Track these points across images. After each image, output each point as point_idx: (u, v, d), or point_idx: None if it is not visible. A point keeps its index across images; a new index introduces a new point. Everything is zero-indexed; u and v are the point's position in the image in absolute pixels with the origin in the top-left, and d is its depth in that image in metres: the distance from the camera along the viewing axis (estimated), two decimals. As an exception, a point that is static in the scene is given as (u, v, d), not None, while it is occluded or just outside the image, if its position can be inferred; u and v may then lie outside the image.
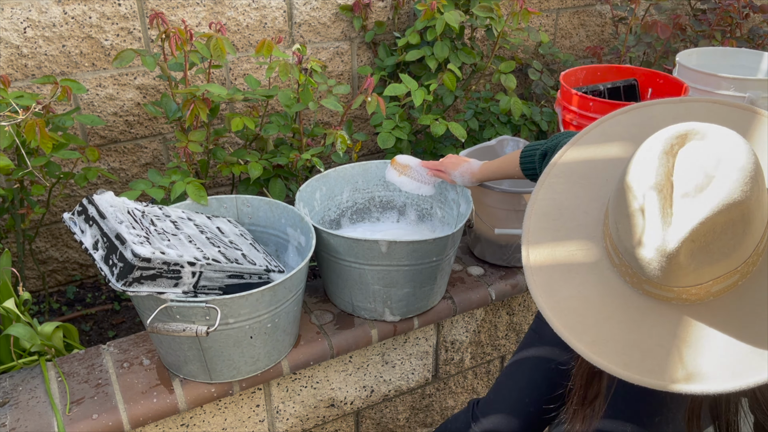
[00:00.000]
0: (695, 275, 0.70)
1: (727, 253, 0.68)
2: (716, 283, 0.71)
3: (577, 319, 0.76)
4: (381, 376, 1.65)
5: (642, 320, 0.74)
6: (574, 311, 0.76)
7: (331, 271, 1.49)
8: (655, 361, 0.72)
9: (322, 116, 2.20)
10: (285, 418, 1.54)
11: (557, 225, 0.83)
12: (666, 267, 0.69)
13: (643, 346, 0.73)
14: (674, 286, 0.72)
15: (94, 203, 1.22)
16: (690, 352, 0.71)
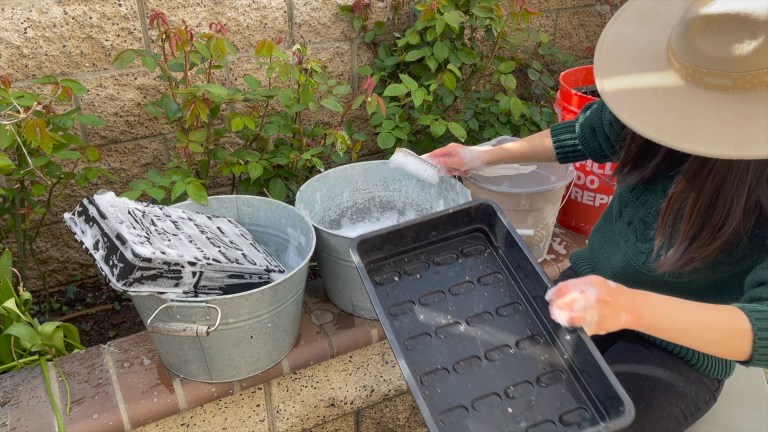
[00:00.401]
0: (748, 60, 0.83)
1: None
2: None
3: (654, 116, 0.90)
4: (381, 375, 1.65)
5: (703, 104, 0.88)
6: (647, 108, 0.92)
7: (331, 271, 1.49)
8: (711, 133, 0.85)
9: (323, 116, 2.20)
10: (285, 418, 1.54)
11: (626, 56, 0.99)
12: (710, 40, 0.84)
13: (701, 123, 0.86)
14: (730, 71, 0.84)
15: (94, 203, 1.22)
16: (741, 126, 0.84)
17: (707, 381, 1.18)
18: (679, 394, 1.14)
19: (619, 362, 1.20)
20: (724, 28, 0.84)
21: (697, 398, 1.16)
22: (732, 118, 0.85)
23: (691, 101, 0.89)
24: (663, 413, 1.12)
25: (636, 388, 1.13)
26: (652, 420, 1.11)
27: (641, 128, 0.90)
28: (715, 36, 0.85)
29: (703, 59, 0.87)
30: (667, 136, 0.88)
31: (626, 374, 1.16)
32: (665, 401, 1.13)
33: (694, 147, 0.85)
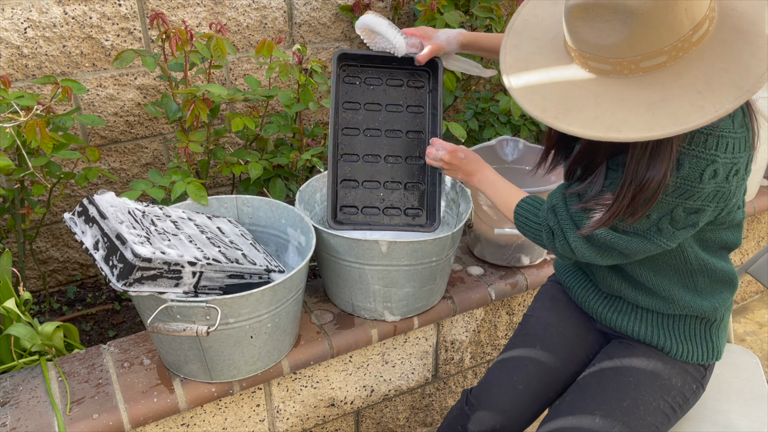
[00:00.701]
0: (623, 47, 0.86)
1: (629, 29, 0.84)
2: (645, 59, 0.87)
3: (541, 95, 0.96)
4: (381, 375, 1.65)
5: (585, 86, 0.93)
6: (537, 87, 0.98)
7: (331, 271, 1.49)
8: (587, 115, 0.90)
9: (323, 116, 2.21)
10: (285, 418, 1.54)
11: (527, 42, 1.04)
12: (588, 27, 0.88)
13: (581, 105, 0.92)
14: (608, 57, 0.89)
15: (94, 203, 1.22)
16: (615, 110, 0.89)
17: (691, 369, 1.18)
18: (664, 387, 1.14)
19: (605, 360, 1.20)
20: (599, 16, 0.86)
21: (683, 389, 1.16)
22: (608, 102, 0.90)
23: (576, 83, 0.93)
24: (649, 409, 1.12)
25: (620, 385, 1.14)
26: (638, 417, 1.11)
27: (528, 107, 0.96)
28: (592, 23, 0.87)
29: (585, 45, 0.91)
30: (549, 115, 0.93)
31: (611, 370, 1.17)
32: (650, 396, 1.12)
33: (570, 128, 0.91)
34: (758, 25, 0.87)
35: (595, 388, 1.15)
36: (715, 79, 0.86)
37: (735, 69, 0.85)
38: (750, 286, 2.49)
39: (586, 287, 1.28)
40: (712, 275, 1.12)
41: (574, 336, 1.29)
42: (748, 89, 0.83)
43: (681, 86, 0.87)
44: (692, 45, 0.87)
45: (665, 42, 0.86)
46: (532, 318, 1.34)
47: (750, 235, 2.31)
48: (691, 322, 1.17)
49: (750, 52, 0.86)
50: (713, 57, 0.87)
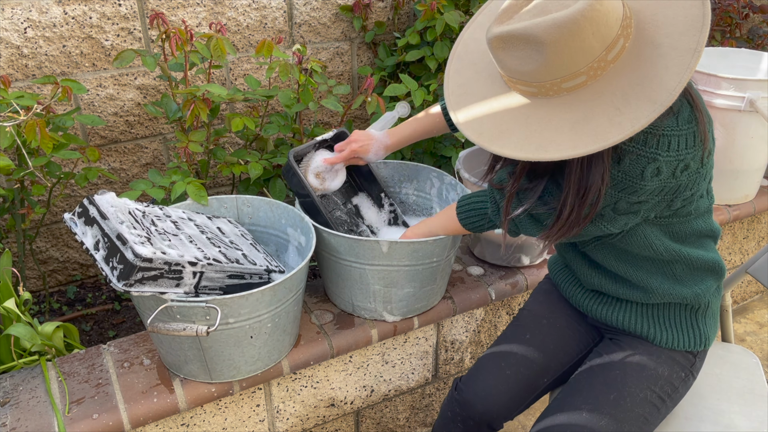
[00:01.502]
0: (542, 73, 0.90)
1: (543, 58, 0.89)
2: (564, 81, 0.91)
3: (479, 120, 1.00)
4: (381, 375, 1.65)
5: (516, 110, 0.97)
6: (475, 112, 1.01)
7: (331, 270, 1.49)
8: (518, 137, 0.94)
9: (322, 116, 2.20)
10: (285, 418, 1.54)
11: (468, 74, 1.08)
12: (508, 55, 0.92)
13: (513, 127, 0.96)
14: (531, 81, 0.92)
15: (95, 203, 1.22)
16: (542, 130, 0.93)
17: (679, 357, 1.18)
18: (651, 378, 1.15)
19: (595, 358, 1.22)
20: (515, 46, 0.90)
21: (671, 378, 1.16)
22: (536, 123, 0.94)
23: (508, 106, 0.98)
24: (636, 400, 1.12)
25: (607, 380, 1.15)
26: (625, 409, 1.11)
27: (466, 132, 1.00)
28: (511, 52, 0.91)
29: (509, 71, 0.95)
30: (485, 139, 0.98)
31: (600, 366, 1.19)
32: (636, 387, 1.13)
33: (503, 150, 0.95)
34: (672, 37, 0.90)
35: (584, 385, 1.17)
36: (631, 94, 0.89)
37: (649, 84, 0.88)
38: (750, 286, 2.49)
39: (572, 282, 1.31)
40: (689, 264, 1.14)
41: (565, 327, 1.31)
42: (661, 103, 0.86)
43: (601, 104, 0.90)
44: (609, 63, 0.90)
45: (580, 65, 0.89)
46: (525, 311, 1.37)
47: (750, 235, 2.31)
48: (675, 310, 1.18)
49: (663, 65, 0.88)
50: (630, 73, 0.90)
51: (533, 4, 0.91)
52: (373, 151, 1.50)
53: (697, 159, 0.99)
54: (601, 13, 0.86)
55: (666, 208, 1.05)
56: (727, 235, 2.23)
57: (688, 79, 0.86)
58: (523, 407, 1.27)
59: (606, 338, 1.27)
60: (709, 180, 1.08)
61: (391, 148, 1.50)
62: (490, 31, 0.93)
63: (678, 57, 0.88)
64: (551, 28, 0.86)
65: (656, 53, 0.90)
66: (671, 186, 1.00)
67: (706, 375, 1.33)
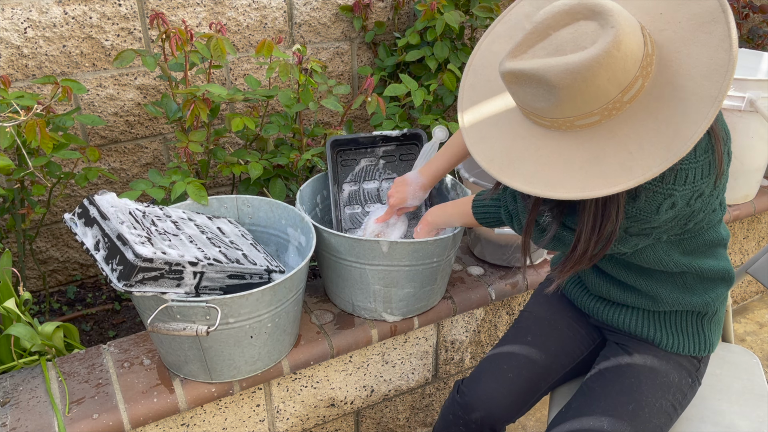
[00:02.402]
0: (553, 111, 0.88)
1: (553, 98, 0.86)
2: (577, 119, 0.88)
3: (489, 144, 0.99)
4: (381, 375, 1.65)
5: (528, 138, 0.95)
6: (486, 135, 1.00)
7: (331, 270, 1.49)
8: (527, 169, 0.93)
9: (323, 116, 2.20)
10: (285, 418, 1.54)
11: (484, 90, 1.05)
12: (520, 90, 0.89)
13: (524, 157, 0.94)
14: (543, 116, 0.91)
15: (95, 204, 1.22)
16: (552, 164, 0.91)
17: (685, 362, 1.18)
18: (664, 385, 1.15)
19: (602, 361, 1.22)
20: (527, 83, 0.88)
21: (681, 384, 1.17)
22: (547, 156, 0.92)
23: (519, 135, 0.95)
24: (653, 410, 1.12)
25: (623, 387, 1.14)
26: (644, 420, 1.11)
27: (477, 156, 0.98)
28: (523, 88, 0.89)
29: (522, 103, 0.92)
30: (495, 167, 0.96)
31: (611, 371, 1.18)
32: (652, 396, 1.13)
33: (512, 182, 0.93)
34: (694, 80, 0.85)
35: (599, 393, 1.15)
36: (645, 139, 0.86)
37: (665, 130, 0.85)
38: (750, 286, 2.49)
39: (577, 285, 1.31)
40: (700, 274, 1.13)
41: (566, 329, 1.30)
42: (675, 152, 0.83)
43: (614, 145, 0.87)
44: (625, 104, 0.87)
45: (593, 107, 0.87)
46: (526, 312, 1.36)
47: (750, 235, 2.31)
48: (681, 316, 1.18)
49: (682, 110, 0.85)
50: (646, 116, 0.87)
51: (549, 39, 0.87)
52: (410, 197, 1.49)
53: (711, 185, 0.97)
54: (618, 59, 0.82)
55: (678, 230, 1.05)
56: (727, 235, 2.22)
57: (705, 130, 0.82)
58: (525, 410, 1.27)
59: (611, 342, 1.27)
60: (721, 195, 1.07)
61: (427, 186, 1.49)
62: (502, 65, 0.90)
63: (697, 103, 0.84)
64: (563, 74, 0.83)
65: (676, 96, 0.86)
66: (685, 213, 0.99)
67: (706, 375, 1.33)
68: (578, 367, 1.30)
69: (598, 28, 0.84)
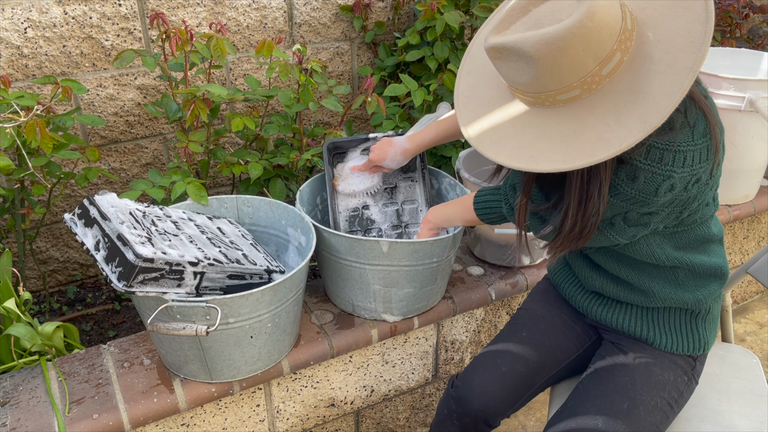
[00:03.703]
0: (535, 85, 0.91)
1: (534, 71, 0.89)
2: (558, 93, 0.91)
3: (480, 124, 1.02)
4: (381, 375, 1.65)
5: (515, 117, 0.98)
6: (478, 115, 1.03)
7: (331, 270, 1.49)
8: (513, 145, 0.96)
9: (323, 116, 2.20)
10: (285, 418, 1.54)
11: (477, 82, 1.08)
12: (503, 65, 0.92)
13: (509, 134, 0.97)
14: (526, 91, 0.93)
15: (95, 204, 1.22)
16: (536, 140, 0.94)
17: (681, 361, 1.18)
18: (659, 384, 1.15)
19: (598, 361, 1.22)
20: (507, 57, 0.91)
21: (677, 383, 1.17)
22: (531, 133, 0.95)
23: (508, 113, 0.99)
24: (648, 408, 1.13)
25: (618, 387, 1.15)
26: (639, 418, 1.11)
27: (467, 135, 1.02)
28: (505, 63, 0.92)
29: (507, 80, 0.95)
30: (483, 144, 0.99)
31: (605, 370, 1.18)
32: (647, 394, 1.13)
33: (497, 157, 0.97)
34: (670, 53, 0.88)
35: (594, 392, 1.16)
36: (623, 112, 0.88)
37: (642, 102, 0.87)
38: (750, 286, 2.49)
39: (572, 283, 1.32)
40: (692, 270, 1.14)
41: (562, 326, 1.31)
42: (651, 124, 0.85)
43: (594, 118, 0.90)
44: (604, 78, 0.89)
45: (571, 79, 0.89)
46: (522, 310, 1.37)
47: (750, 235, 2.31)
48: (675, 314, 1.18)
49: (658, 83, 0.87)
50: (624, 89, 0.89)
51: (529, 14, 0.91)
52: (390, 157, 1.51)
53: (708, 172, 0.99)
54: (592, 30, 0.85)
55: (674, 219, 1.06)
56: (727, 235, 2.22)
57: (680, 100, 0.85)
58: (519, 405, 1.28)
59: (606, 340, 1.27)
60: (715, 188, 1.08)
61: (409, 152, 1.50)
62: (486, 41, 0.93)
63: (673, 75, 0.87)
64: (539, 45, 0.86)
65: (653, 69, 0.89)
66: (682, 199, 1.00)
67: (706, 375, 1.33)
68: (574, 364, 1.31)
69: (574, 2, 0.87)
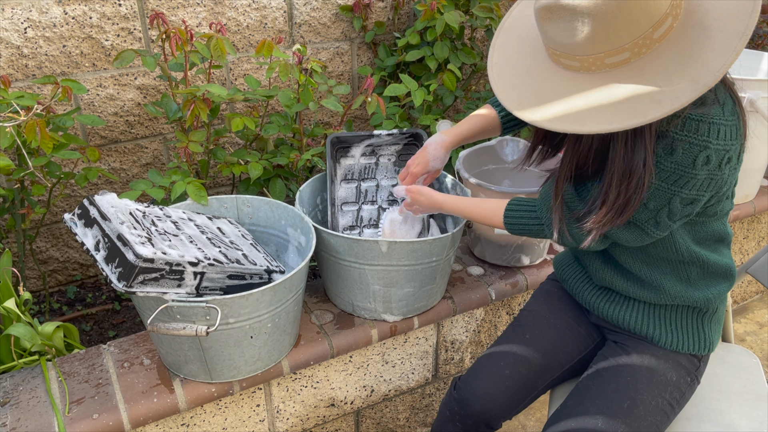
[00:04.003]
0: (586, 46, 0.90)
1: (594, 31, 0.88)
2: (608, 56, 0.91)
3: (519, 91, 1.02)
4: (381, 375, 1.65)
5: (557, 83, 0.97)
6: (516, 83, 1.03)
7: (331, 271, 1.49)
8: (556, 109, 0.95)
9: (323, 116, 2.20)
10: (285, 418, 1.54)
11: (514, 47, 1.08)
12: (554, 27, 0.92)
13: (552, 99, 0.96)
14: (574, 54, 0.93)
15: (95, 204, 1.22)
16: (581, 104, 0.93)
17: (684, 361, 1.18)
18: (661, 384, 1.15)
19: (600, 361, 1.22)
20: (561, 17, 0.90)
21: (679, 383, 1.17)
22: (576, 97, 0.94)
23: (549, 80, 0.98)
24: (648, 408, 1.12)
25: (618, 386, 1.14)
26: (639, 417, 1.11)
27: (506, 102, 1.02)
28: (557, 24, 0.91)
29: (554, 43, 0.95)
30: (524, 109, 0.99)
31: (608, 371, 1.18)
32: (648, 395, 1.13)
33: (542, 122, 0.96)
34: (721, 20, 0.89)
35: (595, 391, 1.15)
36: (674, 74, 0.89)
37: (694, 64, 0.88)
38: (750, 286, 2.49)
39: (580, 278, 1.31)
40: (705, 267, 1.14)
41: (565, 328, 1.30)
42: (704, 84, 0.86)
43: (643, 81, 0.90)
44: (654, 42, 0.90)
45: (624, 40, 0.89)
46: (525, 311, 1.36)
47: (750, 235, 2.31)
48: (682, 312, 1.18)
49: (710, 46, 0.88)
50: (675, 53, 0.90)
51: None
52: (432, 158, 1.40)
53: (737, 153, 0.99)
54: None
55: (707, 199, 1.05)
56: (727, 235, 2.23)
57: (733, 62, 0.85)
58: (521, 407, 1.27)
59: (609, 341, 1.27)
60: (735, 181, 1.09)
61: (449, 144, 1.39)
62: (538, 2, 0.93)
63: (725, 39, 0.87)
64: (598, 0, 0.86)
65: (704, 34, 0.89)
66: (717, 179, 0.99)
67: (706, 375, 1.33)
68: (577, 367, 1.31)
69: None
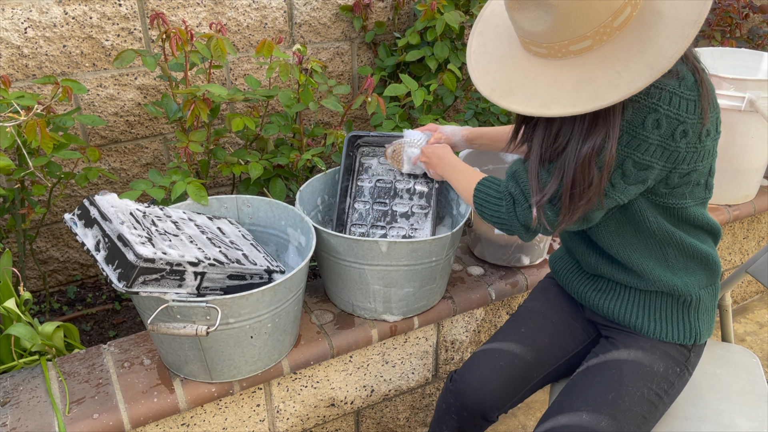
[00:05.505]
0: (551, 34, 0.96)
1: (553, 19, 0.94)
2: (572, 43, 0.97)
3: (493, 77, 1.08)
4: (381, 375, 1.65)
5: (528, 69, 1.03)
6: (491, 70, 1.09)
7: (331, 271, 1.49)
8: (525, 93, 1.01)
9: (323, 116, 2.21)
10: (285, 418, 1.54)
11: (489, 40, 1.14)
12: (521, 16, 0.98)
13: (522, 84, 1.02)
14: (541, 42, 0.99)
15: (95, 204, 1.22)
16: (548, 88, 0.99)
17: (673, 351, 1.19)
18: (647, 375, 1.16)
19: (591, 358, 1.23)
20: (528, 7, 0.96)
21: (667, 373, 1.17)
22: (544, 82, 1.00)
23: (521, 66, 1.04)
24: (633, 398, 1.13)
25: (604, 379, 1.16)
26: (624, 408, 1.12)
27: (481, 88, 1.08)
28: (524, 13, 0.98)
29: (523, 32, 1.01)
30: (496, 95, 1.05)
31: (596, 366, 1.19)
32: (633, 385, 1.14)
33: (511, 105, 1.02)
34: (676, 8, 0.96)
35: (582, 386, 1.17)
36: (632, 60, 0.95)
37: (650, 51, 0.94)
38: (750, 286, 2.49)
39: (571, 269, 1.33)
40: (682, 249, 1.15)
41: (561, 323, 1.32)
42: (658, 69, 0.92)
43: (604, 66, 0.96)
44: (615, 30, 0.96)
45: (586, 29, 0.95)
46: (521, 308, 1.38)
47: (750, 235, 2.31)
48: (666, 301, 1.19)
49: (665, 34, 0.94)
50: (633, 40, 0.96)
51: None
52: (450, 134, 1.53)
53: (696, 131, 1.02)
54: None
55: (663, 183, 1.07)
56: (727, 235, 2.23)
57: (685, 48, 0.92)
58: (517, 400, 1.28)
59: (602, 337, 1.28)
60: (709, 169, 1.11)
61: (467, 136, 1.53)
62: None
63: (679, 27, 0.94)
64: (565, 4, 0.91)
65: (660, 22, 0.96)
66: (671, 149, 1.02)
67: (706, 375, 1.33)
68: (573, 362, 1.32)
69: None
